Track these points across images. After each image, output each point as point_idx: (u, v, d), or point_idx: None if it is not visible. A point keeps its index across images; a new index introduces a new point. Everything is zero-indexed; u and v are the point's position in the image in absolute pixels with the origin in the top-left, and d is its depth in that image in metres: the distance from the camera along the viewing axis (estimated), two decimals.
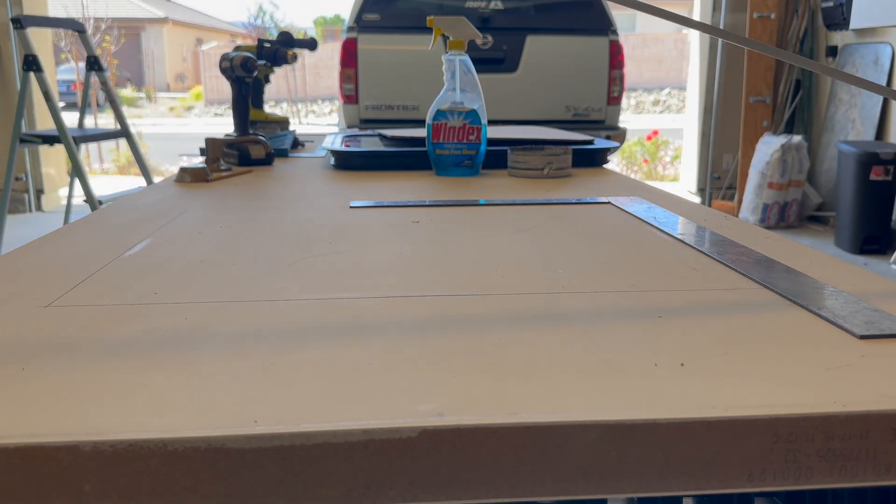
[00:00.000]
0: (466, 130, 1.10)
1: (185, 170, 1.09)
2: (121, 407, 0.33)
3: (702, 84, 5.35)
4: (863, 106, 4.15)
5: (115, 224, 0.76)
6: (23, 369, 0.37)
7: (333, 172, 1.20)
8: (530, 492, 0.32)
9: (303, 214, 0.82)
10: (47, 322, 0.45)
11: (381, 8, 4.12)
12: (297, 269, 0.58)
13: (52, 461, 0.30)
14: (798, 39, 4.71)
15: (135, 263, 0.60)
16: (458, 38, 1.10)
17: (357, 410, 0.32)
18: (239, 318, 0.46)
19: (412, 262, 0.60)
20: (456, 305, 0.48)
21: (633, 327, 0.44)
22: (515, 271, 0.57)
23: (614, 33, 4.14)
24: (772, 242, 0.66)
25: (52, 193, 5.17)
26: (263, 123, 1.63)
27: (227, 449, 0.30)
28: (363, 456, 0.31)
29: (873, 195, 3.67)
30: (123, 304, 0.49)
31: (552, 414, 0.32)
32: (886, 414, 0.32)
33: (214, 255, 0.62)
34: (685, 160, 5.88)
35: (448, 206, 0.86)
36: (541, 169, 1.10)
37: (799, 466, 0.32)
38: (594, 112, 4.19)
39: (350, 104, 4.19)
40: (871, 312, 0.45)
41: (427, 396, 0.34)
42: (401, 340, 0.42)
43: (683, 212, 0.81)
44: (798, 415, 0.32)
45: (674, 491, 0.32)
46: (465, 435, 0.31)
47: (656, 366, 0.37)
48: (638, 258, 0.61)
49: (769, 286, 0.51)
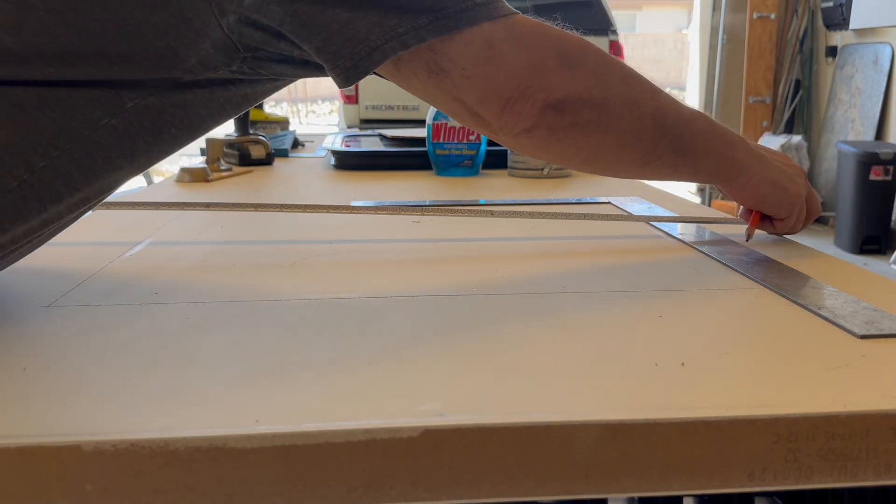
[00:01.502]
0: (466, 130, 1.10)
1: (185, 170, 1.09)
2: (122, 407, 0.33)
3: (702, 84, 5.35)
4: (862, 106, 4.16)
5: (116, 224, 0.76)
6: (24, 369, 0.37)
7: (333, 172, 1.20)
8: (531, 491, 0.32)
9: (303, 214, 0.82)
10: (48, 322, 0.45)
11: None
12: (297, 269, 0.58)
13: (53, 461, 0.30)
14: (798, 39, 4.71)
15: (135, 263, 0.60)
16: None
17: (358, 410, 0.32)
18: (239, 318, 0.46)
19: (412, 262, 0.60)
20: (456, 305, 0.48)
21: (633, 327, 0.44)
22: (515, 271, 0.57)
23: (614, 33, 4.14)
24: (772, 242, 0.66)
25: None
26: (264, 123, 1.63)
27: (228, 449, 0.30)
28: (364, 455, 0.31)
29: (873, 195, 3.67)
30: (124, 304, 0.49)
31: (552, 414, 0.32)
32: (886, 414, 0.32)
33: (214, 255, 0.62)
34: None
35: (448, 207, 0.86)
36: (541, 169, 1.10)
37: (799, 466, 0.32)
38: None
39: (350, 104, 4.19)
40: (871, 312, 0.45)
41: (428, 396, 0.34)
42: (402, 340, 0.42)
43: (683, 211, 0.81)
44: (798, 414, 0.32)
45: (674, 491, 0.32)
46: (466, 435, 0.31)
47: (656, 366, 0.37)
48: (638, 258, 0.61)
49: (769, 286, 0.51)
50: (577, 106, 0.51)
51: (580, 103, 0.51)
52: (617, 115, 0.53)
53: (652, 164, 0.57)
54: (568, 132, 0.52)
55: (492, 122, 0.51)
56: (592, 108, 0.51)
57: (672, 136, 0.55)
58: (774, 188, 0.62)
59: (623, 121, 0.53)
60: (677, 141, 0.56)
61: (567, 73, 0.50)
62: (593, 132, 0.52)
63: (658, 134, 0.55)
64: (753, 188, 0.62)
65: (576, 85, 0.50)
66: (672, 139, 0.56)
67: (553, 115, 0.50)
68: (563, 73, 0.50)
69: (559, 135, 0.52)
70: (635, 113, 0.54)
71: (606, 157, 0.55)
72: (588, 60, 0.51)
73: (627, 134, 0.54)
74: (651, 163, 0.56)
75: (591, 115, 0.51)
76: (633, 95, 0.54)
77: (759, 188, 0.62)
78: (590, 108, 0.51)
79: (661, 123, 0.55)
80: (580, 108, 0.51)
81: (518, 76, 0.49)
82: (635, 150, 0.55)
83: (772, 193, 0.63)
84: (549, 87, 0.49)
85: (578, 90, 0.50)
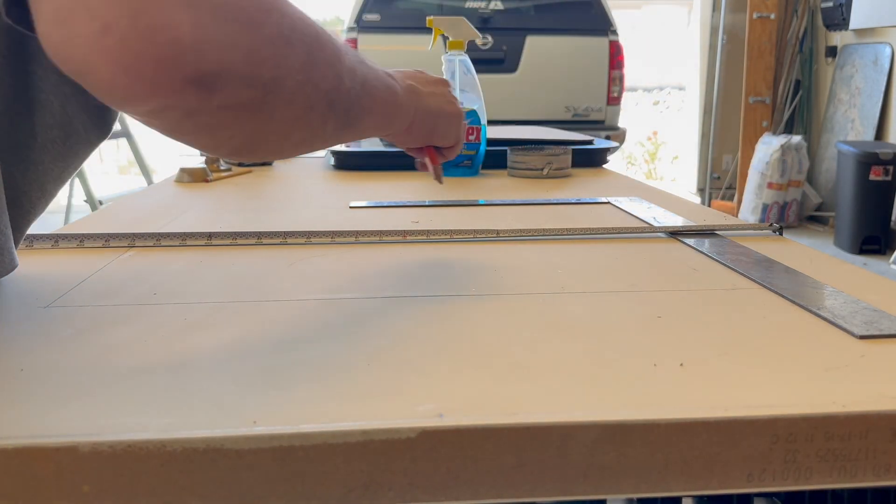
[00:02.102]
0: (466, 130, 1.10)
1: (184, 170, 1.09)
2: (119, 407, 0.33)
3: (702, 84, 5.35)
4: (862, 106, 4.15)
5: (116, 224, 0.75)
6: (21, 370, 0.37)
7: (333, 172, 1.20)
8: (529, 492, 0.32)
9: (302, 214, 0.82)
10: (46, 322, 0.45)
11: (381, 8, 4.12)
12: (297, 269, 0.58)
13: (50, 462, 0.30)
14: (798, 40, 4.71)
15: (134, 263, 0.60)
16: (458, 38, 1.10)
17: (356, 411, 0.32)
18: (238, 318, 0.46)
19: (412, 263, 0.60)
20: (456, 305, 0.48)
21: (632, 327, 0.44)
22: (515, 271, 0.57)
23: (614, 33, 4.14)
24: (771, 242, 0.66)
25: None
26: None
27: (226, 449, 0.30)
28: (362, 456, 0.31)
29: (873, 195, 3.67)
30: (123, 304, 0.49)
31: (552, 414, 0.32)
32: (886, 414, 0.32)
33: (214, 256, 0.62)
34: (685, 160, 5.88)
35: (448, 207, 0.86)
36: (540, 169, 1.10)
37: (798, 467, 0.32)
38: (594, 112, 4.19)
39: None
40: (870, 312, 0.45)
41: (426, 397, 0.34)
42: (400, 341, 0.42)
43: (683, 212, 0.81)
44: (797, 415, 0.32)
45: (673, 491, 0.32)
46: (465, 435, 0.31)
47: (656, 366, 0.37)
48: (638, 258, 0.61)
49: (769, 286, 0.51)
50: (234, 84, 0.37)
51: (238, 80, 0.37)
52: (287, 100, 0.40)
53: (314, 145, 0.48)
54: (215, 116, 0.38)
55: (113, 90, 0.35)
56: (255, 89, 0.38)
57: (341, 114, 0.46)
58: (439, 117, 0.57)
59: (293, 107, 0.41)
60: (345, 116, 0.47)
61: (225, 33, 0.35)
62: (248, 120, 0.39)
63: (329, 115, 0.45)
64: (419, 126, 0.56)
65: (237, 53, 0.36)
66: (341, 117, 0.46)
67: (195, 92, 0.36)
68: (218, 30, 0.35)
69: (199, 119, 0.38)
70: (311, 97, 0.42)
71: (260, 145, 0.43)
72: (270, 22, 0.38)
73: (295, 120, 0.42)
74: (314, 144, 0.48)
75: (250, 96, 0.38)
76: (314, 75, 0.42)
77: (425, 123, 0.57)
78: (252, 87, 0.38)
79: (333, 103, 0.44)
80: (238, 88, 0.37)
81: (133, 17, 0.33)
82: (299, 135, 0.44)
83: (440, 124, 0.58)
84: (193, 52, 0.34)
85: (239, 60, 0.37)
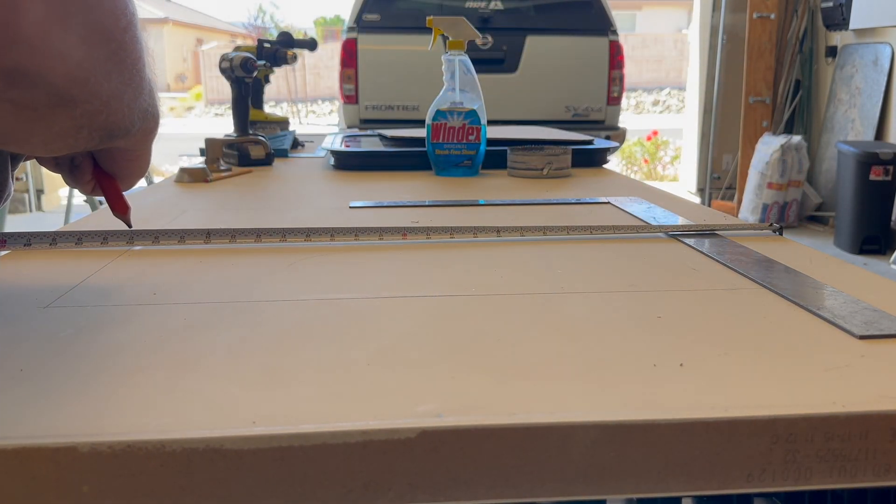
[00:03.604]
0: (466, 130, 1.10)
1: (184, 170, 1.09)
2: (119, 408, 0.33)
3: (702, 84, 5.36)
4: (862, 106, 4.15)
5: (115, 224, 0.75)
6: (21, 370, 0.37)
7: (333, 173, 1.20)
8: (529, 492, 0.32)
9: (302, 215, 0.82)
10: (46, 322, 0.45)
11: (381, 8, 4.12)
12: (297, 269, 0.58)
13: (49, 462, 0.29)
14: (798, 40, 4.71)
15: (134, 264, 0.60)
16: (458, 38, 1.10)
17: (356, 411, 0.32)
18: (238, 318, 0.46)
19: (412, 263, 0.60)
20: (456, 305, 0.48)
21: (632, 327, 0.44)
22: (515, 271, 0.57)
23: (614, 33, 4.14)
24: (771, 242, 0.66)
25: (52, 193, 5.17)
26: (263, 124, 1.62)
27: (225, 450, 0.30)
28: (362, 457, 0.31)
29: (873, 195, 3.68)
30: (122, 304, 0.48)
31: (551, 414, 0.32)
32: (886, 414, 0.32)
33: (214, 256, 0.62)
34: (685, 160, 5.89)
35: (448, 207, 0.86)
36: (540, 169, 1.10)
37: (798, 467, 0.32)
38: (594, 112, 4.19)
39: (350, 104, 4.20)
40: (870, 312, 0.45)
41: (426, 397, 0.34)
42: (400, 341, 0.42)
43: (683, 212, 0.81)
44: (797, 415, 0.32)
45: (673, 491, 0.32)
46: (465, 435, 0.31)
47: (655, 366, 0.37)
48: (638, 258, 0.61)
49: (769, 286, 0.51)
50: (40, 88, 0.34)
51: (46, 87, 0.34)
52: (77, 117, 0.38)
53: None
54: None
55: None
56: (56, 99, 0.35)
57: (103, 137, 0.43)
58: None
59: (74, 122, 0.38)
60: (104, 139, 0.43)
61: (64, 41, 0.33)
62: (26, 121, 0.36)
63: (93, 136, 0.41)
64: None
65: (64, 65, 0.34)
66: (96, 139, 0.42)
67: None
68: (61, 35, 0.33)
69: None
70: (93, 123, 0.39)
71: (11, 141, 0.40)
72: (117, 48, 0.36)
73: (65, 134, 0.39)
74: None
75: (46, 103, 0.35)
76: (114, 107, 0.39)
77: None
78: (55, 97, 0.35)
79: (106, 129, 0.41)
80: (41, 93, 0.34)
81: None
82: (58, 144, 0.41)
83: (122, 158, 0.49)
84: (25, 45, 0.32)
85: (61, 72, 0.34)
